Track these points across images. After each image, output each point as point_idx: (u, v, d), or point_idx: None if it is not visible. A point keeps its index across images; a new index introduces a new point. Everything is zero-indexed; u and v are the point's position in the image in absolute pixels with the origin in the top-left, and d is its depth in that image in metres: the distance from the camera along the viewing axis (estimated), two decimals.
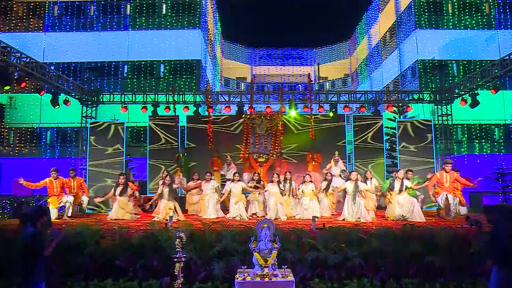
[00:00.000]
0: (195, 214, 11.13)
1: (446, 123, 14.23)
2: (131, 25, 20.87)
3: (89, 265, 6.61)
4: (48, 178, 10.43)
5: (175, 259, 5.04)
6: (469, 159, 18.26)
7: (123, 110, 13.75)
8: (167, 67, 20.95)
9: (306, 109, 13.21)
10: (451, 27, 20.72)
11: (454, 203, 9.75)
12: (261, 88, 29.14)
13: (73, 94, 13.37)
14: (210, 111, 13.30)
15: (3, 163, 18.93)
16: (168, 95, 13.82)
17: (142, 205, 12.22)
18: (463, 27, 20.65)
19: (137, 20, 20.93)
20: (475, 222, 5.57)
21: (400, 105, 15.73)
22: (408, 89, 19.38)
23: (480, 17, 20.74)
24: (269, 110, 13.31)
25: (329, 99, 13.95)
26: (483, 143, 20.01)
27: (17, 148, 20.06)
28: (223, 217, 10.19)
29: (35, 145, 20.20)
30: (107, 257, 6.67)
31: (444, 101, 14.13)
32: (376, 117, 13.49)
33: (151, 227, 7.56)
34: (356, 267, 6.56)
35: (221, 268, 6.37)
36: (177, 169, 12.10)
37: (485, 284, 5.69)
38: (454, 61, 20.70)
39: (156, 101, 13.50)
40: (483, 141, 20.06)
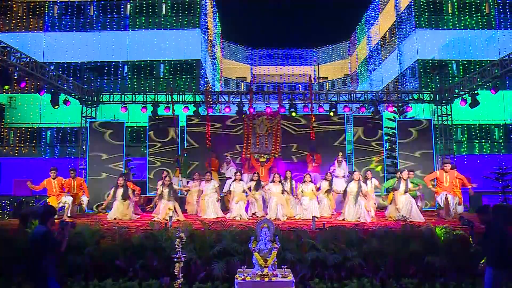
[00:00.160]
0: (195, 214, 11.14)
1: (446, 123, 14.23)
2: (131, 25, 20.86)
3: (89, 265, 6.62)
4: (47, 178, 10.44)
5: (175, 259, 5.05)
6: (469, 159, 18.25)
7: (123, 110, 13.75)
8: (167, 67, 20.95)
9: (306, 109, 13.20)
10: (451, 27, 20.71)
11: (454, 203, 9.78)
12: (261, 88, 29.12)
13: (73, 94, 13.37)
14: (209, 111, 13.31)
15: (3, 163, 18.92)
16: (168, 95, 13.83)
17: (142, 205, 12.24)
18: (463, 27, 20.64)
19: (137, 20, 20.92)
20: (468, 222, 5.59)
21: (400, 105, 15.73)
22: (408, 89, 19.37)
23: (480, 17, 20.74)
24: (269, 110, 13.33)
25: (329, 99, 13.94)
26: (483, 143, 20.02)
27: (17, 148, 20.06)
28: (223, 217, 10.20)
29: (35, 145, 20.19)
30: (107, 257, 6.68)
31: (444, 101, 14.13)
32: (376, 117, 13.50)
33: (151, 227, 7.57)
34: (356, 267, 6.57)
35: (221, 268, 6.38)
36: (176, 169, 12.10)
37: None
38: (454, 61, 20.71)
39: (156, 101, 13.50)
40: (483, 141, 20.06)
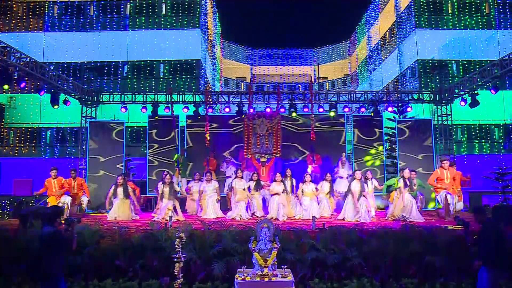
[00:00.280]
0: (195, 214, 11.14)
1: (445, 123, 14.23)
2: (131, 25, 20.85)
3: (89, 265, 6.62)
4: (47, 178, 10.44)
5: (175, 259, 5.04)
6: (468, 159, 18.24)
7: (123, 110, 13.75)
8: (167, 67, 20.94)
9: (306, 109, 13.20)
10: (451, 27, 20.71)
11: (453, 203, 9.77)
12: (261, 88, 29.10)
13: (73, 94, 13.37)
14: (209, 111, 13.31)
15: (3, 163, 18.91)
16: (167, 95, 13.82)
17: (142, 205, 12.25)
18: (462, 27, 20.64)
19: (137, 20, 20.91)
20: (463, 222, 5.60)
21: (400, 105, 15.72)
22: (408, 89, 19.37)
23: (480, 17, 20.74)
24: (269, 110, 13.33)
25: (329, 99, 13.94)
26: (483, 143, 20.02)
27: (17, 148, 20.05)
28: (223, 217, 10.20)
29: (35, 145, 20.18)
30: (107, 257, 6.68)
31: (443, 101, 14.13)
32: (376, 117, 13.49)
33: (151, 227, 7.58)
34: (356, 267, 6.58)
35: (220, 268, 6.38)
36: (176, 170, 12.10)
37: None
38: (454, 61, 20.71)
39: (155, 101, 13.50)
40: (483, 141, 20.06)
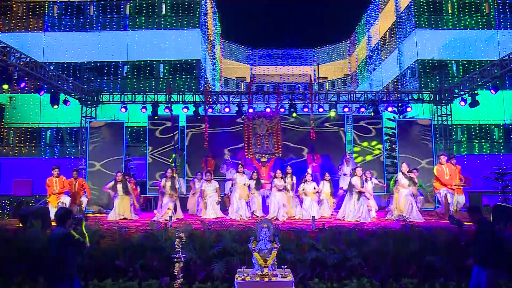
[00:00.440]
0: (195, 214, 11.16)
1: (445, 123, 14.24)
2: (131, 25, 20.84)
3: (89, 265, 6.61)
4: (48, 178, 10.44)
5: (175, 259, 5.04)
6: (468, 159, 18.23)
7: (123, 110, 13.75)
8: (167, 67, 20.94)
9: (305, 109, 13.21)
10: (451, 27, 20.71)
11: (453, 202, 9.73)
12: (261, 88, 29.10)
13: (73, 94, 13.37)
14: (209, 111, 13.32)
15: (3, 163, 18.91)
16: (167, 95, 13.81)
17: (141, 205, 12.25)
18: (462, 27, 20.63)
19: (137, 20, 20.91)
20: (457, 221, 5.61)
21: (399, 105, 15.73)
22: (407, 89, 19.37)
23: (479, 17, 20.73)
24: (268, 110, 13.33)
25: (329, 99, 13.95)
26: (483, 143, 20.02)
27: (17, 148, 20.04)
28: (223, 217, 10.20)
29: (34, 145, 20.18)
30: (107, 257, 6.67)
31: (443, 101, 14.13)
32: (375, 117, 13.49)
33: (151, 227, 7.57)
34: (355, 267, 6.57)
35: (220, 268, 6.37)
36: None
37: None
38: (453, 61, 20.70)
39: (155, 101, 13.50)
40: (483, 141, 20.06)
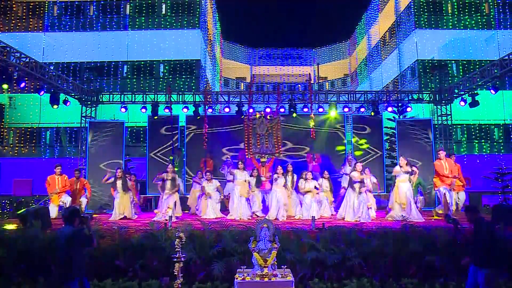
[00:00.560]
0: (195, 214, 11.16)
1: (445, 123, 14.24)
2: (131, 25, 20.84)
3: (89, 265, 6.60)
4: (50, 175, 10.45)
5: (175, 259, 5.04)
6: (468, 159, 18.22)
7: (123, 110, 13.75)
8: (167, 67, 20.93)
9: (305, 109, 13.22)
10: (451, 27, 20.71)
11: (452, 202, 9.68)
12: (261, 88, 29.10)
13: (73, 94, 13.36)
14: (209, 111, 13.33)
15: (3, 163, 18.91)
16: (167, 95, 13.83)
17: (142, 205, 12.26)
18: (462, 27, 20.64)
19: (137, 20, 20.90)
20: (453, 220, 5.61)
21: (399, 105, 15.73)
22: (407, 89, 19.37)
23: (479, 17, 20.74)
24: (268, 110, 13.34)
25: (329, 99, 13.94)
26: (483, 143, 20.02)
27: (17, 148, 20.04)
28: (223, 217, 10.20)
29: (34, 145, 20.18)
30: (107, 257, 6.67)
31: (443, 101, 14.13)
32: (375, 117, 13.49)
33: (151, 227, 7.58)
34: (355, 267, 6.57)
35: (220, 268, 6.37)
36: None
37: None
38: (453, 61, 20.70)
39: (155, 101, 13.50)
40: (483, 141, 20.06)
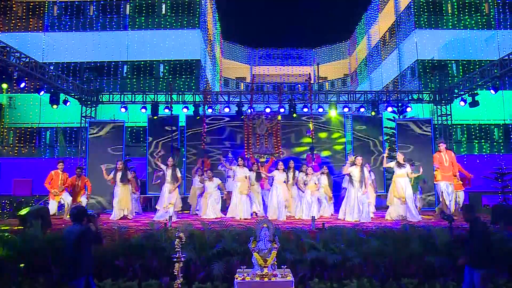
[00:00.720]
0: (195, 214, 11.18)
1: (445, 123, 14.24)
2: (131, 25, 20.84)
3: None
4: (53, 170, 10.44)
5: (175, 259, 5.03)
6: (468, 159, 18.19)
7: (123, 110, 13.75)
8: (167, 67, 20.93)
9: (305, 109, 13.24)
10: (451, 27, 20.72)
11: (450, 204, 9.61)
12: (261, 88, 29.11)
13: (73, 94, 13.36)
14: (208, 111, 13.34)
15: (3, 163, 18.88)
16: (167, 95, 13.84)
17: (142, 204, 12.26)
18: (462, 27, 20.65)
19: (137, 20, 20.90)
20: (448, 216, 5.59)
21: (399, 105, 15.72)
22: (407, 89, 19.37)
23: (479, 17, 20.75)
24: (268, 110, 13.36)
25: (329, 99, 13.95)
26: (483, 143, 20.02)
27: (17, 148, 20.04)
28: (223, 217, 10.20)
29: (34, 145, 20.18)
30: (106, 257, 6.67)
31: (443, 101, 14.14)
32: (375, 117, 13.49)
33: (151, 227, 7.57)
34: (355, 267, 6.56)
35: (220, 268, 6.37)
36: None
37: None
38: (453, 61, 20.71)
39: (155, 101, 13.50)
40: (483, 141, 20.07)
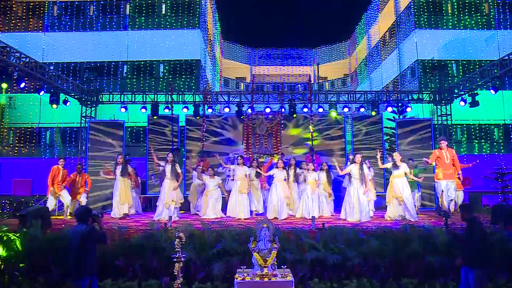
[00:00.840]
0: (195, 214, 11.18)
1: (445, 123, 14.24)
2: (131, 25, 20.84)
3: None
4: (56, 165, 10.44)
5: (175, 259, 5.04)
6: (468, 159, 18.10)
7: (123, 110, 13.75)
8: (167, 67, 20.93)
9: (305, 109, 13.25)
10: (451, 27, 20.72)
11: (450, 205, 9.59)
12: (261, 88, 29.10)
13: (73, 94, 13.36)
14: (208, 111, 13.35)
15: (3, 163, 18.89)
16: (167, 95, 13.84)
17: (142, 204, 12.27)
18: (462, 27, 20.64)
19: (137, 20, 20.90)
20: (444, 213, 5.57)
21: (399, 105, 15.72)
22: (407, 89, 19.38)
23: (479, 17, 20.74)
24: (268, 110, 13.36)
25: (329, 99, 13.95)
26: (483, 143, 20.02)
27: (17, 148, 20.04)
28: (223, 217, 10.20)
29: (34, 145, 20.17)
30: (106, 257, 6.67)
31: (443, 101, 14.14)
32: (375, 117, 13.50)
33: (151, 227, 7.58)
34: (355, 267, 6.57)
35: (220, 268, 6.37)
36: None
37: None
38: (453, 61, 20.70)
39: (155, 101, 13.50)
40: (483, 141, 20.07)
